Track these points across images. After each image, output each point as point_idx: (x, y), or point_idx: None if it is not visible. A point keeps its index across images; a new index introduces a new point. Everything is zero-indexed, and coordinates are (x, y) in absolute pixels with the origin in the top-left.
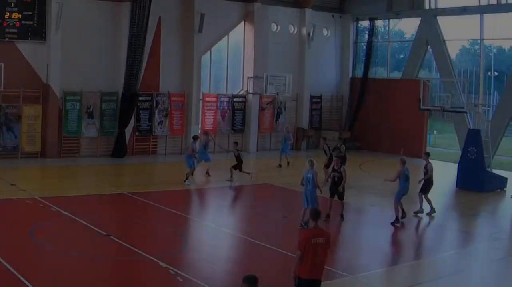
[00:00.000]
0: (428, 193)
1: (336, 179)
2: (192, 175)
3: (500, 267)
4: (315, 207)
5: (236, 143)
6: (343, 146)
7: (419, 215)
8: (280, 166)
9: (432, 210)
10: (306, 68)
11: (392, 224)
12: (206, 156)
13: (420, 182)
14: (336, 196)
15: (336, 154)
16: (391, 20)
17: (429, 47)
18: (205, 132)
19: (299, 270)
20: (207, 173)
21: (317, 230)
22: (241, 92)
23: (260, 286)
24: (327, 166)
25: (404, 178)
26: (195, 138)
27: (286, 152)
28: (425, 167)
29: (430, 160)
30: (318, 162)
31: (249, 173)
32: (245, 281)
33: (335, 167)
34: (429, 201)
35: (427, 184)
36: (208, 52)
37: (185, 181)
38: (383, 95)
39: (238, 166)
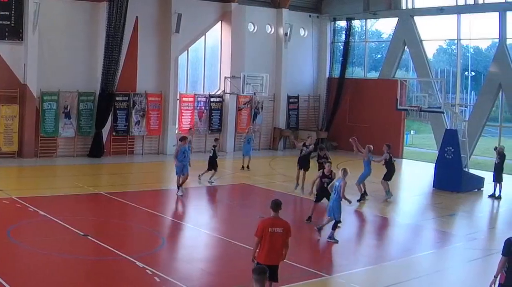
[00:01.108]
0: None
1: (325, 184)
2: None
3: (477, 267)
4: (339, 218)
5: (217, 139)
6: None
7: (389, 200)
8: (243, 168)
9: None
10: (283, 68)
11: (358, 201)
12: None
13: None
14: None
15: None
16: (368, 20)
17: (406, 47)
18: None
19: (258, 256)
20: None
21: (275, 219)
22: (218, 92)
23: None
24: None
25: (369, 162)
26: (182, 139)
27: (249, 153)
28: (390, 157)
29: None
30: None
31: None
32: (255, 273)
33: (326, 173)
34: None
35: (391, 172)
36: (185, 52)
37: (178, 189)
38: (360, 95)
39: (211, 163)
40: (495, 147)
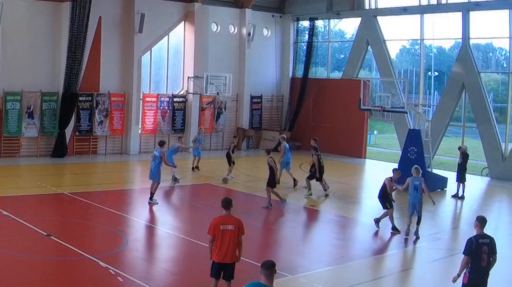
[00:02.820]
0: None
1: None
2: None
3: (441, 267)
4: (420, 215)
5: (180, 137)
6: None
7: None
8: (197, 168)
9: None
10: (246, 68)
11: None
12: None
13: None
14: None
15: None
16: (331, 20)
17: (369, 47)
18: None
19: (213, 254)
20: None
21: (226, 217)
22: (181, 92)
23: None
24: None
25: (287, 150)
26: (162, 144)
27: (198, 154)
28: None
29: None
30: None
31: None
32: (263, 267)
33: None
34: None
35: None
36: (148, 52)
37: (151, 198)
38: (324, 95)
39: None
40: (458, 147)
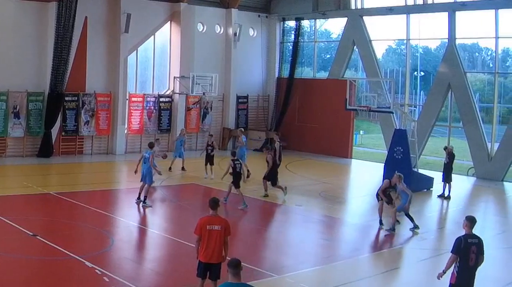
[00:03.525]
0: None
1: None
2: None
3: (427, 267)
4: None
5: (157, 139)
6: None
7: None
8: (183, 169)
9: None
10: (233, 68)
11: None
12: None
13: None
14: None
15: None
16: (317, 20)
17: (355, 47)
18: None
19: (199, 254)
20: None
21: (213, 217)
22: (167, 92)
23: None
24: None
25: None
26: (152, 145)
27: (182, 154)
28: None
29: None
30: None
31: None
32: (230, 267)
33: None
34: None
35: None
36: (135, 52)
37: (145, 201)
38: (310, 95)
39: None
40: (444, 147)
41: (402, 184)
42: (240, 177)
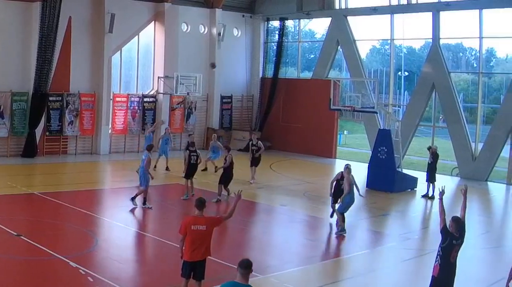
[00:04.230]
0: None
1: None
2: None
3: (411, 267)
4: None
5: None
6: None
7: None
8: (167, 169)
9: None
10: (217, 68)
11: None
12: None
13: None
14: None
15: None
16: (301, 20)
17: (339, 47)
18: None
19: (184, 254)
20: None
21: (198, 217)
22: (151, 92)
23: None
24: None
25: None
26: (149, 148)
27: (166, 153)
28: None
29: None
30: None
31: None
32: (241, 266)
33: None
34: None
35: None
36: (119, 52)
37: (144, 203)
38: (294, 95)
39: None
40: (428, 147)
41: (351, 176)
42: (195, 169)
